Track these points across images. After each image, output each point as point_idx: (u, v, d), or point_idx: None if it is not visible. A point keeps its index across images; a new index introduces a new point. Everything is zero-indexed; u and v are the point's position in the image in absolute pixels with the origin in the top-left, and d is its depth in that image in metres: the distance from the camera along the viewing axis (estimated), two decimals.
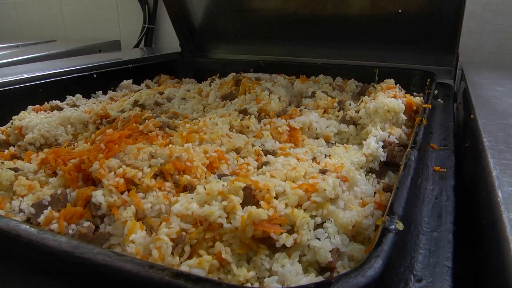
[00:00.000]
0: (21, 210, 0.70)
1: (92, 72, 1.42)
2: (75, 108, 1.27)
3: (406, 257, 0.49)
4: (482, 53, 1.63)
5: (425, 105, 0.93)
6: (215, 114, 1.05)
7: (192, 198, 0.63)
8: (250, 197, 0.64)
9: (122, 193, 0.67)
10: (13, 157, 0.96)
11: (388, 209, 0.49)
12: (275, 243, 0.60)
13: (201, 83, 1.67)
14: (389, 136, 0.91)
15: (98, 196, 0.65)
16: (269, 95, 1.11)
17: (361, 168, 0.83)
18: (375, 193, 0.78)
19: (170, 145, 0.78)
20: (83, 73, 1.39)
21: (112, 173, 0.68)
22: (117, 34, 2.33)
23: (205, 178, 0.73)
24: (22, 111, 1.16)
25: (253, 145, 0.88)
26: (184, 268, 0.54)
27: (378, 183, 0.81)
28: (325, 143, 0.98)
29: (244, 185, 0.64)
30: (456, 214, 0.59)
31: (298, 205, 0.65)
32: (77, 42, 2.11)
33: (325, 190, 0.66)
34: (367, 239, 0.68)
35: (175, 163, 0.70)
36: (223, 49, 1.93)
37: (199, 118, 0.98)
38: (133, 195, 0.65)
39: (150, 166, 0.72)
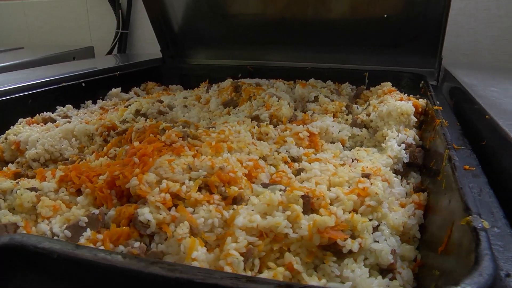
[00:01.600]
0: (54, 234, 0.65)
1: (80, 81, 1.34)
2: (68, 119, 1.19)
3: None
4: (457, 55, 1.73)
5: (436, 107, 0.97)
6: (228, 121, 1.03)
7: (252, 210, 0.62)
8: (308, 205, 0.64)
9: (169, 209, 0.64)
10: (17, 175, 0.89)
11: (464, 209, 0.51)
12: (341, 249, 0.60)
13: (188, 89, 1.64)
14: (406, 138, 0.94)
15: (146, 213, 0.61)
16: (278, 101, 1.11)
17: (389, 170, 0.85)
18: (406, 193, 0.81)
19: (203, 156, 0.76)
20: (71, 82, 1.30)
21: (157, 188, 0.65)
22: (88, 40, 2.22)
23: (249, 188, 0.71)
24: (16, 125, 1.07)
25: (278, 152, 0.88)
26: None
27: (408, 184, 0.83)
28: (342, 147, 0.99)
29: (302, 193, 0.63)
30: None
31: (353, 210, 0.66)
32: (48, 49, 1.98)
33: (377, 194, 0.67)
34: (412, 238, 0.70)
35: (220, 174, 0.68)
36: (205, 54, 1.90)
37: (215, 127, 0.96)
38: (183, 211, 0.62)
39: (190, 179, 0.70)
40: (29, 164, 0.96)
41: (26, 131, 1.03)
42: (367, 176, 0.73)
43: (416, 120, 1.02)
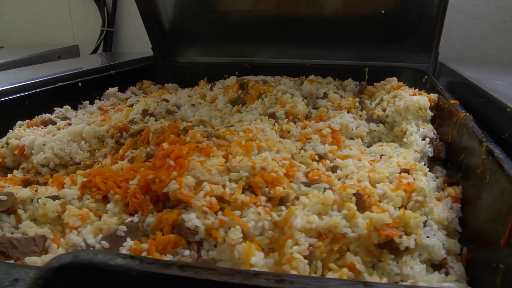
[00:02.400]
0: (88, 245, 0.60)
1: (77, 80, 1.26)
2: (68, 121, 1.13)
3: None
4: (448, 50, 1.77)
5: (453, 101, 0.98)
6: (243, 120, 1.00)
7: (308, 211, 0.60)
8: (360, 203, 0.62)
9: (215, 213, 0.60)
10: (26, 183, 0.83)
11: None
12: (398, 247, 0.59)
13: (184, 88, 1.60)
14: (427, 132, 0.94)
15: (193, 219, 0.58)
16: (292, 98, 1.09)
17: None
18: (437, 187, 0.81)
19: (241, 156, 0.72)
20: (68, 82, 1.23)
21: (202, 192, 0.61)
22: (71, 38, 2.11)
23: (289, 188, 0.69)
24: (16, 128, 1.00)
25: (305, 150, 0.86)
26: None
27: (437, 177, 0.83)
28: (361, 143, 0.98)
29: (354, 191, 0.62)
30: None
31: (401, 206, 0.65)
32: (31, 48, 1.86)
33: (423, 188, 0.66)
34: (452, 232, 0.70)
35: (263, 175, 0.65)
36: (196, 52, 1.85)
37: (233, 126, 0.93)
38: (231, 214, 0.59)
39: (230, 181, 0.66)
40: (37, 170, 0.89)
41: (29, 135, 0.96)
42: (406, 171, 0.73)
43: (432, 114, 1.02)
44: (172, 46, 1.82)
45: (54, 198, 0.69)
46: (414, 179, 0.69)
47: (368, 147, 0.97)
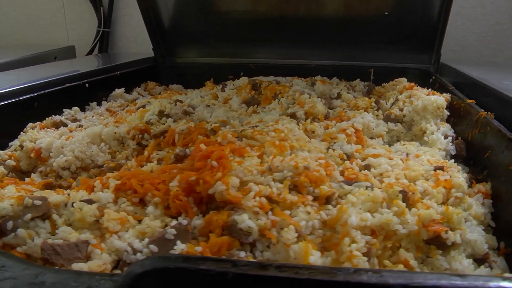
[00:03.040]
0: (135, 250, 0.58)
1: (84, 81, 1.23)
2: (79, 123, 1.10)
3: None
4: (445, 51, 1.79)
5: (470, 100, 1.00)
6: (263, 120, 0.99)
7: (360, 208, 0.60)
8: (406, 200, 0.63)
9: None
10: (48, 186, 0.80)
11: None
12: (445, 242, 0.59)
13: (188, 89, 1.58)
14: (448, 131, 0.96)
15: (246, 220, 0.57)
16: (310, 98, 1.09)
17: None
18: None
19: (282, 156, 0.72)
20: (75, 83, 1.20)
21: (252, 192, 0.60)
22: (65, 39, 2.05)
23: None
24: (30, 130, 0.96)
25: (333, 149, 0.86)
26: None
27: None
28: (382, 142, 0.99)
29: (401, 189, 0.62)
30: None
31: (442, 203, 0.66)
32: (26, 48, 1.80)
33: (461, 185, 0.67)
34: (486, 227, 0.72)
35: (307, 174, 0.65)
36: (196, 52, 1.83)
37: (257, 125, 0.92)
38: (282, 214, 0.59)
39: (274, 181, 0.66)
40: (57, 174, 0.86)
41: (44, 137, 0.93)
42: (440, 168, 0.74)
43: (449, 113, 1.04)
44: (172, 47, 1.79)
45: (89, 202, 0.66)
46: (450, 176, 0.70)
47: (388, 146, 0.98)
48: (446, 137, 0.93)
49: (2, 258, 0.45)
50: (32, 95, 1.05)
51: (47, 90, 1.09)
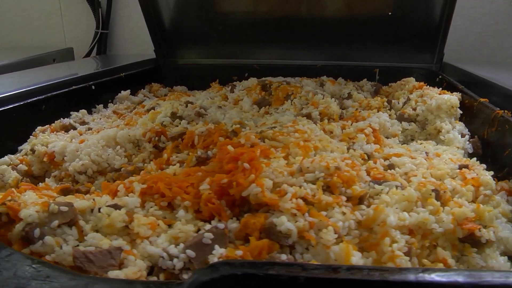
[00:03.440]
0: (171, 255, 0.56)
1: (90, 83, 1.20)
2: (88, 126, 1.07)
3: None
4: (446, 51, 1.83)
5: (483, 99, 1.01)
6: (278, 121, 0.98)
7: (396, 208, 0.59)
8: (438, 199, 0.63)
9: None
10: (65, 192, 0.77)
11: None
12: (479, 240, 0.60)
13: (191, 90, 1.57)
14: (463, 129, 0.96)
15: (286, 222, 0.56)
16: (323, 98, 1.09)
17: None
18: None
19: (314, 157, 0.71)
20: (81, 85, 1.17)
21: (289, 194, 0.59)
22: (62, 40, 2.01)
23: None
24: (41, 134, 0.94)
25: (354, 149, 0.86)
26: None
27: None
28: (398, 142, 0.99)
29: (433, 187, 0.62)
30: None
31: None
32: (24, 50, 1.76)
33: (489, 182, 0.67)
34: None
35: (340, 174, 0.64)
36: (198, 54, 1.82)
37: (275, 126, 0.91)
38: (319, 215, 0.58)
39: (306, 181, 0.65)
40: (73, 178, 0.84)
41: (58, 141, 0.91)
42: (465, 166, 0.74)
43: (461, 112, 1.05)
44: (174, 48, 1.77)
45: (115, 207, 0.65)
46: (477, 174, 0.71)
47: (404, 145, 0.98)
48: (463, 135, 0.94)
49: (45, 268, 0.44)
50: (39, 97, 1.02)
51: (54, 93, 1.07)
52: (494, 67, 1.52)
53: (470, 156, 0.93)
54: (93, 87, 1.22)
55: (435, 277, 0.35)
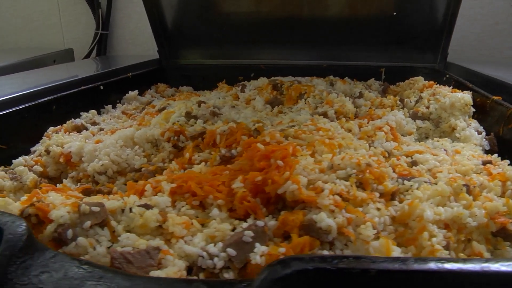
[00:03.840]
0: (211, 255, 0.55)
1: (98, 84, 1.19)
2: (99, 126, 1.06)
3: None
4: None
5: (496, 97, 1.02)
6: (295, 120, 0.98)
7: (431, 203, 0.60)
8: (469, 194, 0.63)
9: None
10: (86, 192, 0.76)
11: None
12: (511, 233, 0.60)
13: (197, 90, 1.56)
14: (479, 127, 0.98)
15: (326, 219, 0.56)
16: (338, 97, 1.09)
17: None
18: None
19: (343, 154, 0.71)
20: (90, 85, 1.15)
21: (326, 191, 0.59)
22: (61, 41, 1.98)
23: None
24: (55, 135, 0.92)
25: (375, 147, 0.86)
26: None
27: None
28: (414, 139, 1.00)
29: (464, 182, 0.63)
30: None
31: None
32: (24, 51, 1.73)
33: None
34: None
35: (371, 171, 0.64)
36: (202, 54, 1.81)
37: (294, 125, 0.91)
38: (356, 212, 0.58)
39: (338, 178, 0.65)
40: (93, 179, 0.83)
41: (73, 141, 0.89)
42: (489, 162, 0.75)
43: (474, 110, 1.06)
44: (177, 48, 1.76)
45: (146, 206, 0.64)
46: (502, 169, 0.72)
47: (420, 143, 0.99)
48: (479, 133, 0.95)
49: (95, 269, 0.43)
50: (50, 98, 1.01)
51: (64, 93, 1.05)
52: (497, 67, 1.55)
53: (487, 153, 0.94)
54: (101, 87, 1.20)
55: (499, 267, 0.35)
